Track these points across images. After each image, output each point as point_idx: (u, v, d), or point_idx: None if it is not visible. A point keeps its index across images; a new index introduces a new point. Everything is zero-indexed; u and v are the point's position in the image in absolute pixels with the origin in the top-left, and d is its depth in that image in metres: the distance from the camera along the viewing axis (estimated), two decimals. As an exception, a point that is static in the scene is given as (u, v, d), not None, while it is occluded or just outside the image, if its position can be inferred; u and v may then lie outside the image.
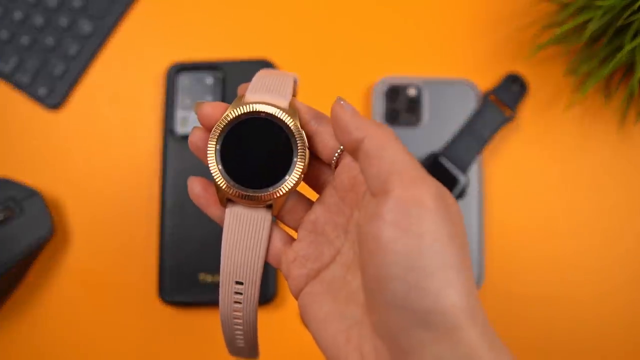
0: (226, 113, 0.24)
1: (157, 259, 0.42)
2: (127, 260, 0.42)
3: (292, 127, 0.24)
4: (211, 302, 0.41)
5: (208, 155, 0.24)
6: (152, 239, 0.43)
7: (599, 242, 0.42)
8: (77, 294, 0.42)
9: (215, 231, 0.41)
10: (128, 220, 0.43)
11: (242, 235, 0.25)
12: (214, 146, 0.24)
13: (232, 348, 0.27)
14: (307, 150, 0.24)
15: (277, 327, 0.41)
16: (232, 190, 0.24)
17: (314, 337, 0.23)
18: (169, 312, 0.42)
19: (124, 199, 0.43)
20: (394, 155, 0.21)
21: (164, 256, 0.41)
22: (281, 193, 0.24)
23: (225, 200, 0.25)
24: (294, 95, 0.26)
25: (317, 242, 0.24)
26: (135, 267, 0.42)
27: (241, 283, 0.25)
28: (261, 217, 0.25)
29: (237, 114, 0.24)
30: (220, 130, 0.24)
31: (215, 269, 0.41)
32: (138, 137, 0.45)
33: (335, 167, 0.24)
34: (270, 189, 0.24)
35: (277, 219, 0.26)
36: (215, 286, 0.40)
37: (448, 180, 0.40)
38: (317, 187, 0.26)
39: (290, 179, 0.24)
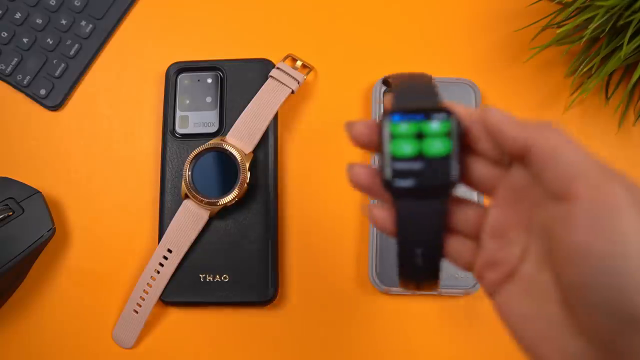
0: None
1: (157, 259, 0.42)
2: (127, 260, 0.42)
3: None
4: (211, 302, 0.41)
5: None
6: (152, 239, 0.43)
7: (599, 242, 0.42)
8: (77, 294, 0.42)
9: (215, 231, 0.41)
10: (128, 220, 0.43)
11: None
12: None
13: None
14: None
15: (278, 327, 0.41)
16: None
17: (513, 336, 0.23)
18: (169, 312, 0.42)
19: (124, 198, 0.43)
20: (571, 156, 0.20)
21: (164, 256, 0.42)
22: None
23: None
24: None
25: (501, 246, 0.23)
26: (135, 267, 0.42)
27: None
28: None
29: None
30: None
31: (214, 269, 0.41)
32: (138, 137, 0.45)
33: (509, 167, 0.24)
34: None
35: (452, 228, 0.25)
36: (215, 286, 0.41)
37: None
38: (487, 190, 0.25)
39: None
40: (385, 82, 0.29)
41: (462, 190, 0.24)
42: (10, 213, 0.40)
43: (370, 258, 0.40)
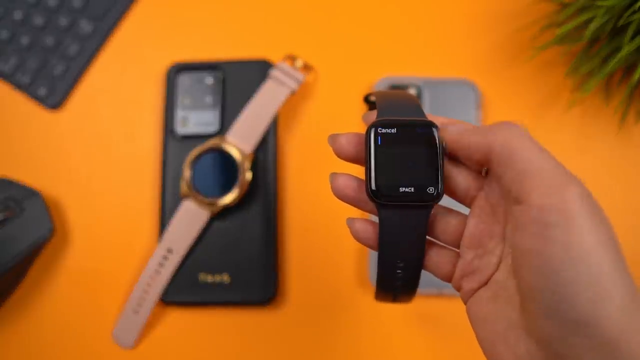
0: None
1: (157, 259, 0.42)
2: (127, 260, 0.42)
3: None
4: (211, 302, 0.41)
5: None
6: (152, 239, 0.43)
7: (599, 242, 0.42)
8: (77, 294, 0.42)
9: (215, 231, 0.41)
10: (128, 220, 0.43)
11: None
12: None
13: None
14: None
15: (278, 327, 0.41)
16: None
17: (476, 336, 0.23)
18: (169, 312, 0.42)
19: (124, 199, 0.43)
20: (525, 156, 0.20)
21: (164, 256, 0.42)
22: None
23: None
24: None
25: (479, 256, 0.24)
26: (135, 267, 0.42)
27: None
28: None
29: None
30: None
31: (214, 269, 0.41)
32: (138, 137, 0.45)
33: (485, 176, 0.24)
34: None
35: (434, 238, 0.26)
36: (215, 286, 0.41)
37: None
38: (467, 201, 0.25)
39: None
40: (367, 100, 0.29)
41: (445, 201, 0.25)
42: (10, 213, 0.40)
43: (370, 258, 0.40)
